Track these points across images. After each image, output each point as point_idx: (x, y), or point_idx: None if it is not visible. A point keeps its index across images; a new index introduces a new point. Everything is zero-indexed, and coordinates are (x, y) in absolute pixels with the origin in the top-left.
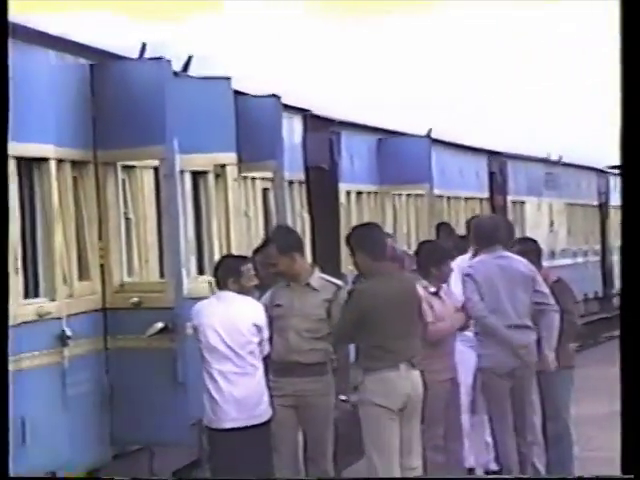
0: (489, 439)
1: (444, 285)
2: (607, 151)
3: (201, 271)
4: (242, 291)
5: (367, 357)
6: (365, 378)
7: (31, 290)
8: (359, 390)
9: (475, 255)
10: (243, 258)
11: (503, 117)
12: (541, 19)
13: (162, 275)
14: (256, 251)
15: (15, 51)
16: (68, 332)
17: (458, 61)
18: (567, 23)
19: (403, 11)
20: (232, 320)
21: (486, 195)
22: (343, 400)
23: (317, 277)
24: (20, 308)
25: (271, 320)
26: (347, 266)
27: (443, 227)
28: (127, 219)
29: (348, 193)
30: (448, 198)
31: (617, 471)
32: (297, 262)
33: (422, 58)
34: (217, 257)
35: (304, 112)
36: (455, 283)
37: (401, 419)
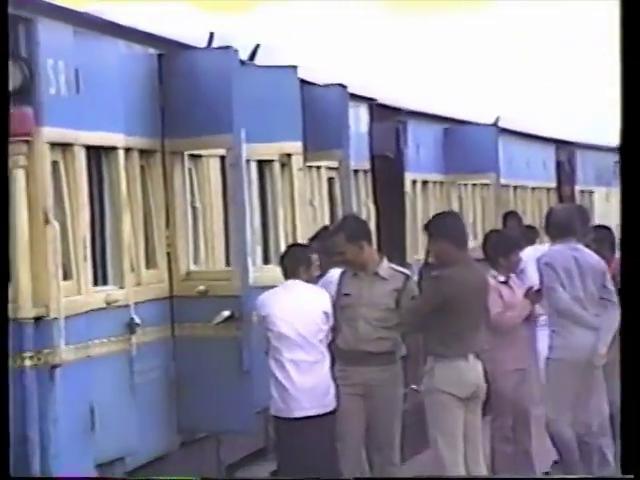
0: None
1: (512, 275)
2: None
3: (267, 260)
4: (310, 280)
5: (440, 344)
6: (436, 365)
7: (99, 278)
8: (428, 377)
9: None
10: (308, 247)
11: (571, 106)
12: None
13: (228, 264)
14: (312, 239)
15: (86, 41)
16: (136, 320)
17: (526, 50)
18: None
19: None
20: (304, 308)
21: (553, 185)
22: (414, 389)
23: (385, 266)
24: (89, 296)
25: (338, 309)
26: (413, 255)
27: (511, 216)
28: (194, 208)
29: (414, 182)
30: (515, 188)
31: None
32: (365, 251)
33: (490, 47)
34: (283, 246)
35: (370, 101)
36: (528, 273)
37: (466, 409)
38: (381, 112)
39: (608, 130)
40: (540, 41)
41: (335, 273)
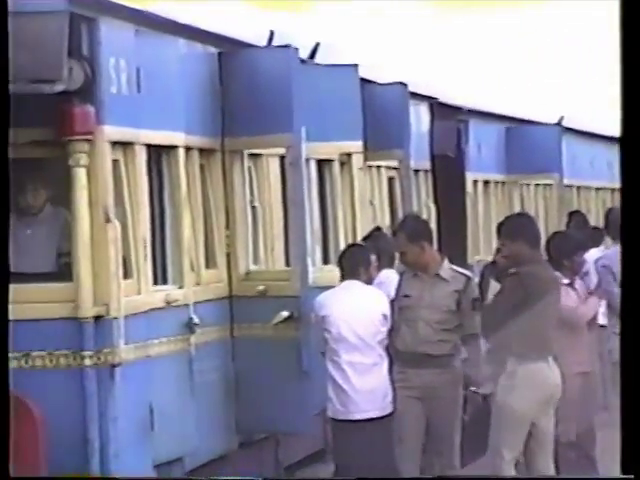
0: None
1: (576, 277)
2: None
3: (326, 260)
4: (368, 281)
5: (522, 345)
6: (519, 367)
7: (159, 277)
8: (507, 379)
9: None
10: (367, 247)
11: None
12: None
13: (287, 264)
14: (365, 239)
15: (147, 39)
16: (195, 319)
17: (590, 49)
18: None
19: None
20: (362, 310)
21: (618, 186)
22: (474, 392)
23: (446, 267)
24: (149, 295)
25: (397, 310)
26: (473, 256)
27: (575, 216)
28: (253, 207)
29: (475, 182)
30: (578, 188)
31: None
32: (426, 251)
33: (554, 44)
34: (342, 246)
35: (431, 100)
36: (592, 275)
37: (542, 412)
38: (442, 111)
39: None
40: (605, 38)
41: (389, 274)
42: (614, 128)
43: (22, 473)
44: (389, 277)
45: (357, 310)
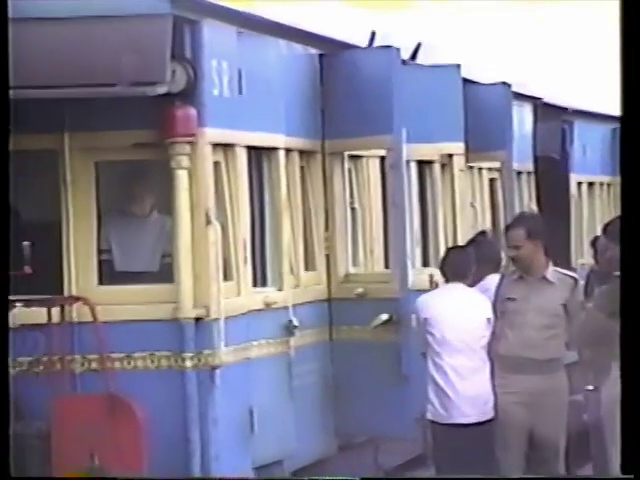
0: None
1: None
2: None
3: (425, 263)
4: (470, 284)
5: None
6: None
7: (259, 279)
8: (613, 385)
9: None
10: (469, 250)
11: None
12: None
13: (387, 266)
14: (468, 244)
15: (249, 41)
16: (295, 322)
17: None
18: None
19: None
20: (466, 313)
21: None
22: (590, 390)
23: (552, 270)
24: (248, 297)
25: (499, 314)
26: (577, 259)
27: None
28: (353, 209)
29: (579, 184)
30: None
31: None
32: (539, 251)
33: None
34: (442, 249)
35: (535, 100)
36: None
37: None
38: (546, 111)
39: None
40: None
41: (495, 279)
42: None
43: (124, 473)
44: (495, 281)
45: (461, 313)
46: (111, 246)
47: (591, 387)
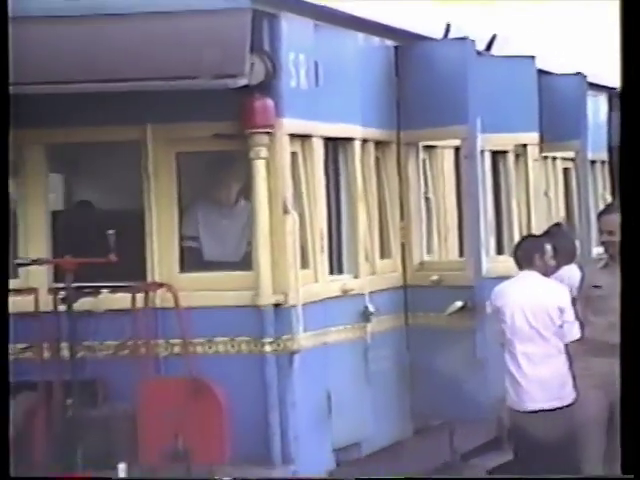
0: None
1: None
2: None
3: (500, 251)
4: (544, 272)
5: None
6: None
7: (335, 267)
8: None
9: None
10: (543, 238)
11: None
12: None
13: (461, 254)
14: (544, 235)
15: (326, 34)
16: (371, 308)
17: None
18: None
19: None
20: (537, 300)
21: None
22: None
23: None
24: (325, 284)
25: (583, 300)
26: None
27: None
28: (427, 199)
29: None
30: None
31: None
32: None
33: None
34: (516, 237)
35: (610, 90)
36: None
37: None
38: None
39: None
40: None
41: (571, 269)
42: None
43: (206, 458)
44: (571, 272)
45: (532, 300)
46: (199, 234)
47: None
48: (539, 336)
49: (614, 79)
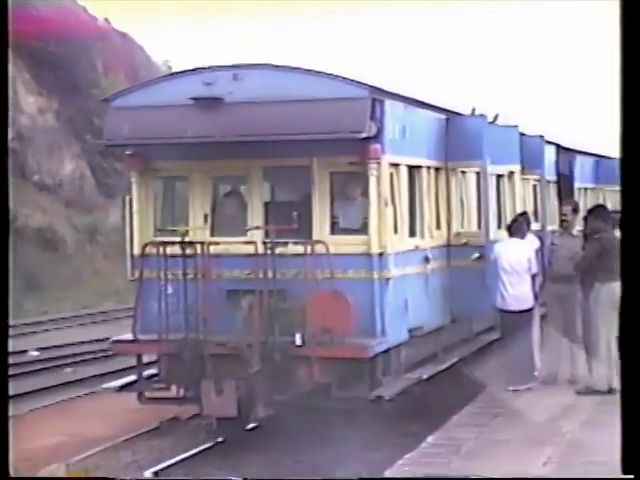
0: None
1: None
2: None
3: (499, 226)
4: (522, 237)
5: (603, 274)
6: (601, 287)
7: (412, 233)
8: (594, 294)
9: None
10: (525, 216)
11: None
12: None
13: (479, 228)
14: (520, 215)
15: (409, 110)
16: (429, 256)
17: None
18: None
19: None
20: (517, 253)
21: None
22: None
23: (576, 230)
24: (406, 243)
25: (549, 252)
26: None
27: None
28: (461, 199)
29: (579, 189)
30: None
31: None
32: (575, 218)
33: None
34: (508, 219)
35: (556, 145)
36: None
37: (614, 315)
38: (562, 151)
39: None
40: None
41: (531, 237)
42: None
43: (340, 332)
44: (533, 238)
45: (513, 253)
46: (338, 214)
47: None
48: (516, 272)
49: (559, 140)
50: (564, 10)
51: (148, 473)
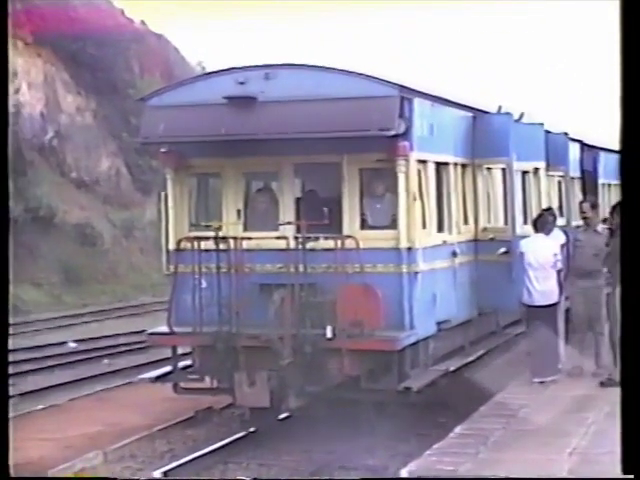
0: None
1: None
2: None
3: (525, 222)
4: (547, 233)
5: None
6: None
7: (440, 228)
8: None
9: None
10: (550, 212)
11: None
12: None
13: (505, 223)
14: (545, 211)
15: (436, 108)
16: (457, 251)
17: None
18: None
19: None
20: (543, 249)
21: None
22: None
23: (600, 227)
24: (434, 238)
25: (573, 247)
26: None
27: None
28: (487, 194)
29: (602, 185)
30: None
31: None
32: (597, 216)
33: None
34: (534, 215)
35: (580, 142)
36: None
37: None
38: (586, 148)
39: None
40: None
41: (558, 232)
42: None
43: (370, 325)
44: (559, 233)
45: (539, 248)
46: (366, 211)
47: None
48: (542, 268)
49: (583, 137)
50: (564, 10)
51: (157, 473)
